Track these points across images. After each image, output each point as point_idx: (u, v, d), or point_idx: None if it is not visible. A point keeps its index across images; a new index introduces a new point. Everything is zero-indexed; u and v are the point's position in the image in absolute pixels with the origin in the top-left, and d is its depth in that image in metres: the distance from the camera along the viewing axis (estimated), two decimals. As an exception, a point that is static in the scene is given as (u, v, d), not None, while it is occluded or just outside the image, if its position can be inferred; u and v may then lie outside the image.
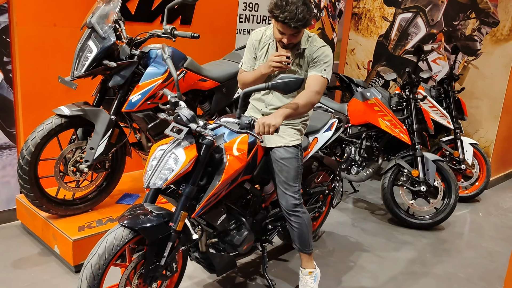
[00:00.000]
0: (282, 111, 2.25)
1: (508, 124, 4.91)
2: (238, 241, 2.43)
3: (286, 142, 2.51)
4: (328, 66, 2.44)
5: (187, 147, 2.10)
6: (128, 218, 2.04)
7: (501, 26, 4.60)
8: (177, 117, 2.12)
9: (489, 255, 3.48)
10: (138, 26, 3.60)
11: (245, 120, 2.11)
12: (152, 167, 2.11)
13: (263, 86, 2.16)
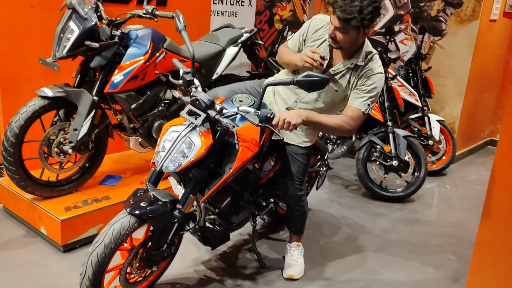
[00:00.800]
0: (308, 115, 2.20)
1: (472, 101, 5.16)
2: (236, 219, 2.50)
3: (299, 143, 2.55)
4: (374, 100, 2.30)
5: (203, 132, 2.08)
6: (135, 206, 2.05)
7: (465, 7, 4.81)
8: (195, 101, 2.09)
9: (458, 224, 3.70)
10: (114, 7, 3.58)
11: (265, 113, 2.08)
12: (165, 149, 2.09)
13: (288, 80, 2.11)
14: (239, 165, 2.21)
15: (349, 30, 2.15)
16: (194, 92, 2.15)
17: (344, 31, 2.16)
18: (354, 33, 2.17)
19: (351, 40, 2.21)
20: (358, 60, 2.30)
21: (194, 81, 2.20)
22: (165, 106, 3.30)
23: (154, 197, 2.10)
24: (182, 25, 2.51)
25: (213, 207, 2.44)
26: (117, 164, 3.66)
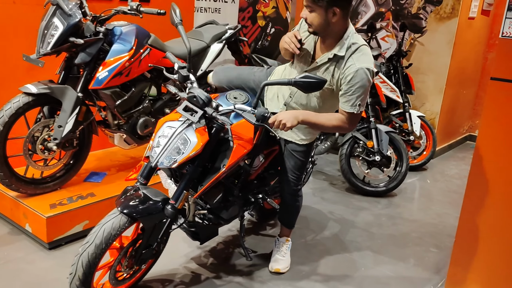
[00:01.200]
0: (305, 117, 2.20)
1: (451, 97, 5.28)
2: (226, 215, 2.52)
3: (298, 140, 2.56)
4: (363, 97, 2.22)
5: (198, 129, 2.08)
6: (126, 205, 2.05)
7: (444, 4, 4.90)
8: (192, 98, 2.08)
9: (438, 217, 3.80)
10: (98, 3, 3.54)
11: (261, 112, 2.08)
12: (160, 145, 2.10)
13: (286, 81, 2.09)
14: (233, 162, 2.23)
15: (316, 8, 2.12)
16: (191, 88, 2.15)
17: (312, 10, 2.13)
18: (322, 12, 2.12)
19: (320, 22, 2.15)
20: (340, 50, 2.22)
21: (190, 76, 2.21)
22: (149, 103, 3.30)
23: (145, 196, 2.11)
24: (179, 19, 2.46)
25: (204, 203, 2.46)
26: (101, 161, 3.65)
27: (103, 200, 3.01)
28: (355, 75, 2.18)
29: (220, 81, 2.80)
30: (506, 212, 2.51)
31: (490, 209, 2.59)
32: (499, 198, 2.54)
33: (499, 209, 2.55)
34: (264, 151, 2.71)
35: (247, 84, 2.65)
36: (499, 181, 2.52)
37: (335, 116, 2.29)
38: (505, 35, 2.34)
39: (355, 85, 2.19)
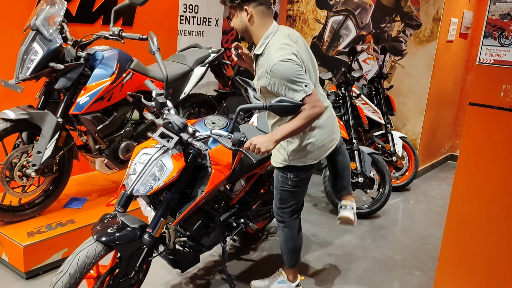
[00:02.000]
0: (279, 133, 2.14)
1: (432, 118, 5.36)
2: (207, 242, 2.48)
3: (274, 163, 2.46)
4: (298, 81, 2.08)
5: (175, 155, 2.07)
6: (102, 232, 2.00)
7: (423, 28, 5.02)
8: (168, 124, 2.07)
9: (421, 238, 3.81)
10: (80, 27, 3.54)
11: (237, 137, 2.07)
12: (136, 172, 2.07)
13: (261, 105, 2.08)
14: (211, 188, 2.21)
15: (234, 12, 2.18)
16: (166, 114, 2.14)
17: (233, 15, 2.20)
18: (239, 14, 2.16)
19: (239, 24, 2.19)
20: (258, 49, 2.20)
21: (167, 103, 2.20)
22: (132, 127, 3.28)
23: (122, 223, 2.07)
24: (156, 47, 2.47)
25: (184, 230, 2.43)
26: (82, 186, 3.59)
27: (83, 227, 2.95)
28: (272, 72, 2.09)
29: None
30: (488, 234, 2.53)
31: (472, 231, 2.61)
32: (481, 220, 2.56)
33: (481, 231, 2.56)
34: (245, 175, 2.70)
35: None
36: (480, 203, 2.55)
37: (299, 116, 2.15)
38: (482, 61, 2.39)
39: (280, 81, 2.10)
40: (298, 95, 2.11)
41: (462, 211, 2.64)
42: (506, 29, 2.33)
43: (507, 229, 2.48)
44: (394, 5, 5.20)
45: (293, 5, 6.14)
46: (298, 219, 2.66)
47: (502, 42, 2.34)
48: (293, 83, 2.10)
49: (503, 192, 2.46)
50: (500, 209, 2.48)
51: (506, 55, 2.33)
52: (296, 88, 2.10)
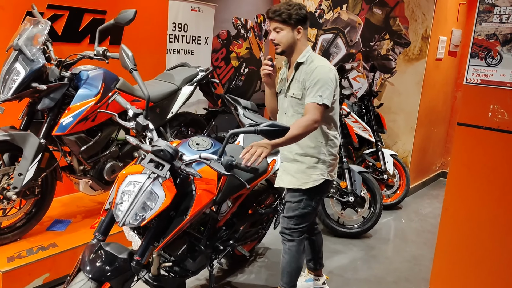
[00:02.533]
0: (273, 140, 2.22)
1: (423, 135, 5.34)
2: (193, 267, 2.41)
3: (299, 185, 2.53)
4: (324, 90, 2.36)
5: (165, 182, 2.02)
6: (94, 268, 1.94)
7: (412, 46, 5.03)
8: (159, 151, 2.01)
9: (413, 259, 3.75)
10: (66, 47, 3.51)
11: (227, 160, 2.05)
12: (123, 201, 2.00)
13: (252, 129, 2.09)
14: (196, 212, 2.15)
15: (284, 28, 2.39)
16: (156, 141, 2.07)
17: (280, 30, 2.40)
18: (289, 29, 2.40)
19: (288, 39, 2.41)
20: (301, 58, 2.45)
21: (150, 125, 2.15)
22: (117, 147, 3.22)
23: (111, 255, 2.01)
24: (133, 64, 2.41)
25: (168, 255, 2.36)
26: (66, 208, 3.51)
27: (66, 251, 2.87)
28: (315, 70, 2.40)
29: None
30: (479, 255, 2.48)
31: (462, 252, 2.56)
32: (471, 241, 2.52)
33: (472, 252, 2.52)
34: (231, 196, 2.64)
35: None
36: (469, 224, 2.51)
37: (299, 122, 2.34)
38: (469, 81, 2.38)
39: (315, 79, 2.38)
40: (313, 99, 2.35)
41: (452, 232, 2.60)
42: (492, 49, 2.32)
43: (497, 249, 2.44)
44: (383, 23, 5.22)
45: (283, 23, 6.15)
46: (304, 237, 2.73)
47: (488, 62, 2.33)
48: (320, 87, 2.36)
49: (492, 213, 2.43)
50: (490, 230, 2.44)
51: (493, 75, 2.31)
52: (318, 91, 2.36)
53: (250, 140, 2.93)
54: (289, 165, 2.58)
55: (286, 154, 2.58)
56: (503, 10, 2.30)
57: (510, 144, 2.33)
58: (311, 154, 2.52)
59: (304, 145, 2.50)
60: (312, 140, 2.49)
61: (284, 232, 2.65)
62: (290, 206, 2.59)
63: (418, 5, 4.93)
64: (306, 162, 2.52)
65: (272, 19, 2.41)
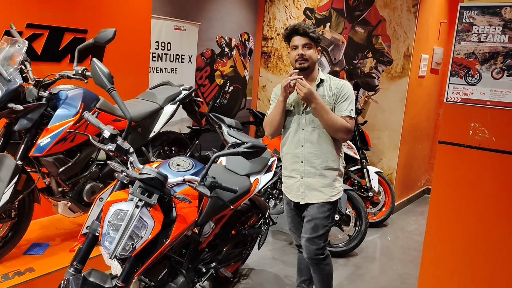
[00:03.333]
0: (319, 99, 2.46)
1: (407, 152, 5.36)
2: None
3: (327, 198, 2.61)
4: (352, 105, 2.57)
5: (152, 209, 1.98)
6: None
7: (395, 64, 5.08)
8: (150, 180, 1.96)
9: (399, 277, 3.72)
10: (45, 66, 3.46)
11: (210, 182, 2.06)
12: (110, 231, 1.94)
13: (236, 151, 2.15)
14: (176, 235, 2.11)
15: (312, 46, 2.55)
16: (145, 169, 2.01)
17: (310, 47, 2.54)
18: (314, 48, 2.57)
19: (315, 56, 2.58)
20: (322, 76, 2.61)
21: (131, 149, 2.10)
22: (97, 168, 3.15)
23: (97, 286, 1.95)
24: (110, 84, 2.34)
25: (149, 280, 2.29)
26: (45, 230, 3.42)
27: (43, 276, 2.78)
28: (344, 86, 2.58)
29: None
30: (463, 272, 2.46)
31: (447, 270, 2.54)
32: (455, 259, 2.50)
33: (456, 270, 2.50)
34: (214, 217, 2.59)
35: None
36: (453, 241, 2.49)
37: (339, 118, 2.51)
38: (449, 100, 2.38)
39: (346, 94, 2.56)
40: (347, 112, 2.53)
41: (436, 250, 2.58)
42: (472, 68, 2.33)
43: (481, 266, 2.42)
44: (366, 42, 5.27)
45: (267, 42, 6.19)
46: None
47: (468, 81, 2.34)
48: (351, 102, 2.56)
49: (475, 230, 2.42)
50: (474, 247, 2.43)
51: (472, 93, 2.33)
52: (350, 105, 2.54)
53: (233, 158, 2.90)
54: (313, 181, 2.62)
55: (309, 170, 2.61)
56: (481, 29, 2.33)
57: (491, 162, 2.34)
58: (332, 167, 2.61)
59: (327, 159, 2.60)
60: (333, 153, 2.61)
61: (318, 253, 2.64)
62: (320, 223, 2.62)
63: (399, 24, 5.00)
64: (330, 175, 2.61)
65: (304, 35, 2.52)
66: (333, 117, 2.49)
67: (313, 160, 2.59)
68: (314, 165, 2.60)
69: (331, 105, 2.55)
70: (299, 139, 2.62)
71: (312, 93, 2.45)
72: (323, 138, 2.58)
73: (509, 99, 2.25)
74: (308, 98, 2.46)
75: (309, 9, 5.73)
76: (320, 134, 2.58)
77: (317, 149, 2.59)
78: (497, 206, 2.35)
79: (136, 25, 4.16)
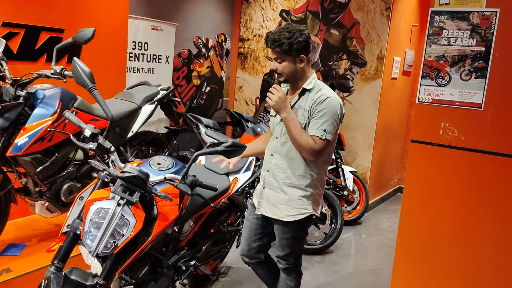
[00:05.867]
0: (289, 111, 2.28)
1: (380, 152, 5.50)
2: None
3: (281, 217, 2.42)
4: (329, 124, 2.27)
5: (133, 207, 2.00)
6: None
7: (368, 66, 5.21)
8: (132, 178, 1.98)
9: (374, 273, 3.82)
10: (21, 65, 3.43)
11: (191, 181, 2.09)
12: (92, 229, 1.95)
13: (216, 149, 2.14)
14: (158, 232, 2.13)
15: (286, 58, 2.29)
16: (127, 168, 2.03)
17: (282, 60, 2.30)
18: (290, 59, 2.29)
19: (290, 69, 2.31)
20: (307, 85, 2.35)
21: (112, 148, 2.11)
22: (75, 167, 3.14)
23: (79, 284, 1.96)
24: (91, 83, 2.34)
25: (129, 277, 2.31)
26: (21, 231, 3.38)
27: (21, 276, 2.75)
28: (324, 101, 2.28)
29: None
30: (436, 268, 2.56)
31: (420, 264, 2.64)
32: (427, 254, 2.60)
33: (429, 265, 2.60)
34: (194, 215, 2.63)
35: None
36: (425, 238, 2.59)
37: (307, 136, 2.28)
38: (421, 100, 2.49)
39: (322, 110, 2.28)
40: (317, 132, 2.27)
41: (409, 246, 2.68)
42: (442, 69, 2.44)
43: (452, 260, 2.53)
44: (341, 44, 5.39)
45: (244, 43, 6.24)
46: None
47: (438, 82, 2.45)
48: (326, 121, 2.27)
49: (446, 226, 2.52)
50: (445, 242, 2.54)
51: (443, 94, 2.43)
52: (323, 125, 2.27)
53: (212, 158, 2.94)
54: (272, 193, 2.45)
55: (272, 181, 2.45)
56: (450, 33, 2.44)
57: (460, 160, 2.45)
58: (297, 185, 2.39)
59: (292, 176, 2.39)
60: (301, 171, 2.38)
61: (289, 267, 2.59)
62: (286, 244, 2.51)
63: (373, 27, 5.13)
64: (290, 193, 2.40)
65: (272, 49, 2.30)
66: (299, 132, 2.26)
67: (277, 172, 2.42)
68: (276, 178, 2.43)
69: (305, 120, 2.33)
70: (271, 148, 2.48)
71: (283, 102, 2.27)
72: (293, 153, 2.37)
73: (477, 100, 2.37)
74: (279, 106, 2.27)
75: (285, 11, 5.81)
76: (292, 148, 2.37)
77: (283, 163, 2.40)
78: (466, 202, 2.47)
79: (113, 24, 4.15)
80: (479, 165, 2.41)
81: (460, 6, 2.38)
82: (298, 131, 2.27)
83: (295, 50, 2.27)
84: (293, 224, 2.42)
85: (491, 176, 2.38)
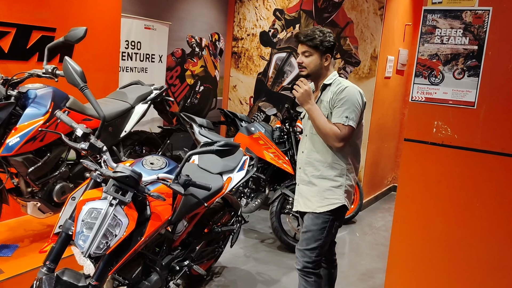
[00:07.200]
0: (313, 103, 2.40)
1: (374, 151, 5.51)
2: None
3: (314, 208, 2.48)
4: (351, 111, 2.37)
5: (126, 207, 1.99)
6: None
7: (362, 65, 5.22)
8: (125, 178, 1.97)
9: (368, 272, 3.83)
10: (13, 64, 3.39)
11: (184, 180, 2.08)
12: (84, 229, 1.94)
13: (209, 149, 2.15)
14: (151, 233, 2.12)
15: (314, 53, 2.45)
16: (119, 167, 2.03)
17: (310, 54, 2.45)
18: (318, 55, 2.46)
19: (316, 63, 2.46)
20: (327, 80, 2.48)
21: (104, 147, 2.10)
22: (67, 167, 3.12)
23: (71, 285, 1.94)
24: (83, 82, 2.32)
25: (123, 278, 2.29)
26: (13, 232, 3.35)
27: (13, 277, 2.73)
28: (344, 90, 2.41)
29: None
30: (429, 266, 2.57)
31: (413, 262, 2.64)
32: (421, 252, 2.60)
33: (422, 263, 2.60)
34: (187, 215, 2.62)
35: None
36: (418, 236, 2.60)
37: (331, 124, 2.39)
38: (414, 99, 2.49)
39: (343, 99, 2.39)
40: (339, 119, 2.37)
41: (403, 244, 2.68)
42: (435, 68, 2.45)
43: (446, 258, 2.53)
44: (334, 43, 5.38)
45: (237, 42, 6.23)
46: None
47: (432, 81, 2.45)
48: (347, 108, 2.37)
49: (439, 224, 2.53)
50: (438, 240, 2.54)
51: (436, 93, 2.44)
52: (344, 112, 2.37)
53: (206, 157, 2.93)
54: (304, 188, 2.54)
55: (303, 177, 2.55)
56: (443, 32, 2.44)
57: (453, 158, 2.46)
58: (326, 176, 2.47)
59: (320, 167, 2.48)
60: (329, 162, 2.46)
61: (307, 266, 2.52)
62: (312, 236, 2.49)
63: (366, 26, 5.14)
64: (321, 185, 2.48)
65: (303, 43, 2.45)
66: (322, 121, 2.38)
67: (306, 167, 2.53)
68: (306, 172, 2.54)
69: (327, 111, 2.43)
70: (302, 145, 2.60)
71: (308, 95, 2.40)
72: (320, 145, 2.47)
73: (469, 98, 2.38)
74: (304, 98, 2.40)
75: (279, 10, 5.81)
76: (316, 141, 2.48)
77: (311, 156, 2.51)
78: (460, 200, 2.47)
79: (105, 23, 4.12)
80: (472, 164, 2.42)
81: (453, 4, 2.39)
82: (322, 120, 2.39)
83: (324, 48, 2.44)
84: (324, 215, 2.47)
85: (484, 174, 2.39)
